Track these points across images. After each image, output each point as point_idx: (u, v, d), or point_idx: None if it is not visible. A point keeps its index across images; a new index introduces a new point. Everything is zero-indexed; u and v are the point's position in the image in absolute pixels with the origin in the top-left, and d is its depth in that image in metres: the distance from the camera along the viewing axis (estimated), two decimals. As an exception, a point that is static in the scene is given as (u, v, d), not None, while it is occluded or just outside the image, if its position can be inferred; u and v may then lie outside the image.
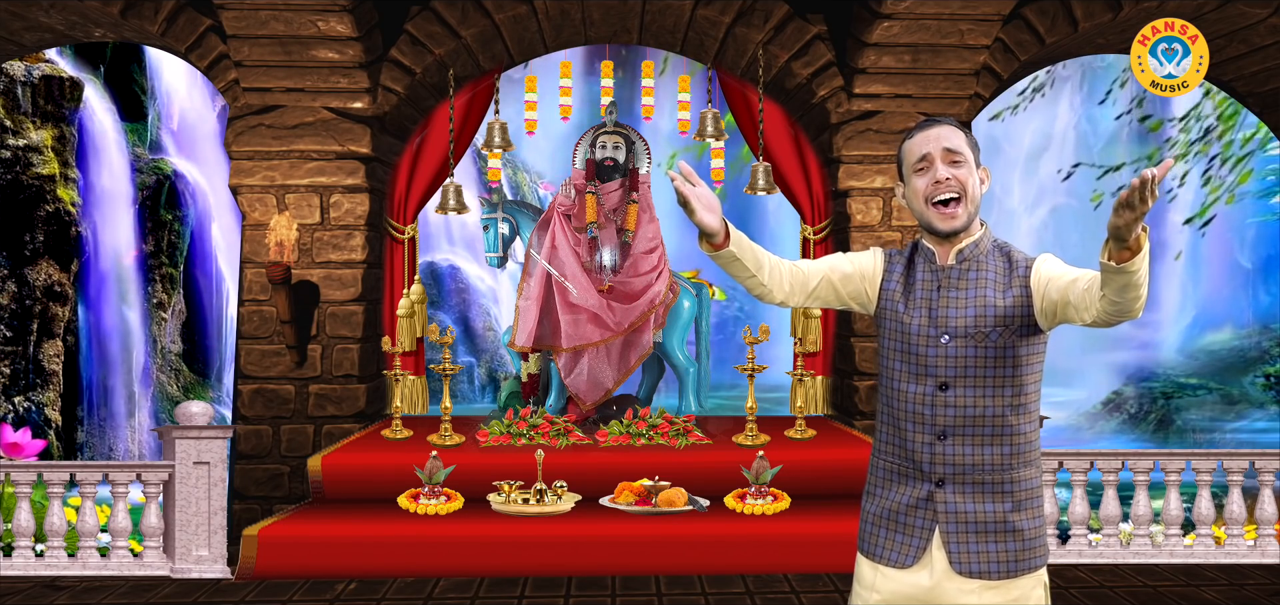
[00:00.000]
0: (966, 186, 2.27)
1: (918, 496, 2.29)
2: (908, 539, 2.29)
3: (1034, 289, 2.24)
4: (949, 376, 2.25)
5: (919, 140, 2.30)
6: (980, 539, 2.24)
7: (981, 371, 2.24)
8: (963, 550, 2.24)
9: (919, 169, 2.29)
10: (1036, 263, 2.28)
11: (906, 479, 2.31)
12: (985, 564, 2.24)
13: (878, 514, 2.36)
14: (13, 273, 9.71)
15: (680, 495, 5.65)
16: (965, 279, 2.28)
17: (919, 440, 2.28)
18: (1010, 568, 2.25)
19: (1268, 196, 14.91)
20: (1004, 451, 2.26)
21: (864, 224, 6.95)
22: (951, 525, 2.25)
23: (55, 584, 5.37)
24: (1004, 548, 2.25)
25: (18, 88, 9.96)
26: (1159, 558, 5.67)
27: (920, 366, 2.28)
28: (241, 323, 6.85)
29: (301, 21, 6.34)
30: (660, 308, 6.91)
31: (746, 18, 6.91)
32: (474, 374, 14.60)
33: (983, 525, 2.24)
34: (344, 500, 5.95)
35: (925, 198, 2.28)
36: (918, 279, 2.33)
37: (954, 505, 2.25)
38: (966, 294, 2.27)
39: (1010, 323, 2.24)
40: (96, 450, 10.40)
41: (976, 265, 2.29)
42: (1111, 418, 14.58)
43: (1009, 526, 2.25)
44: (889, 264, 2.40)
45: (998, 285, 2.26)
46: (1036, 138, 16.27)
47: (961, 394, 2.25)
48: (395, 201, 7.16)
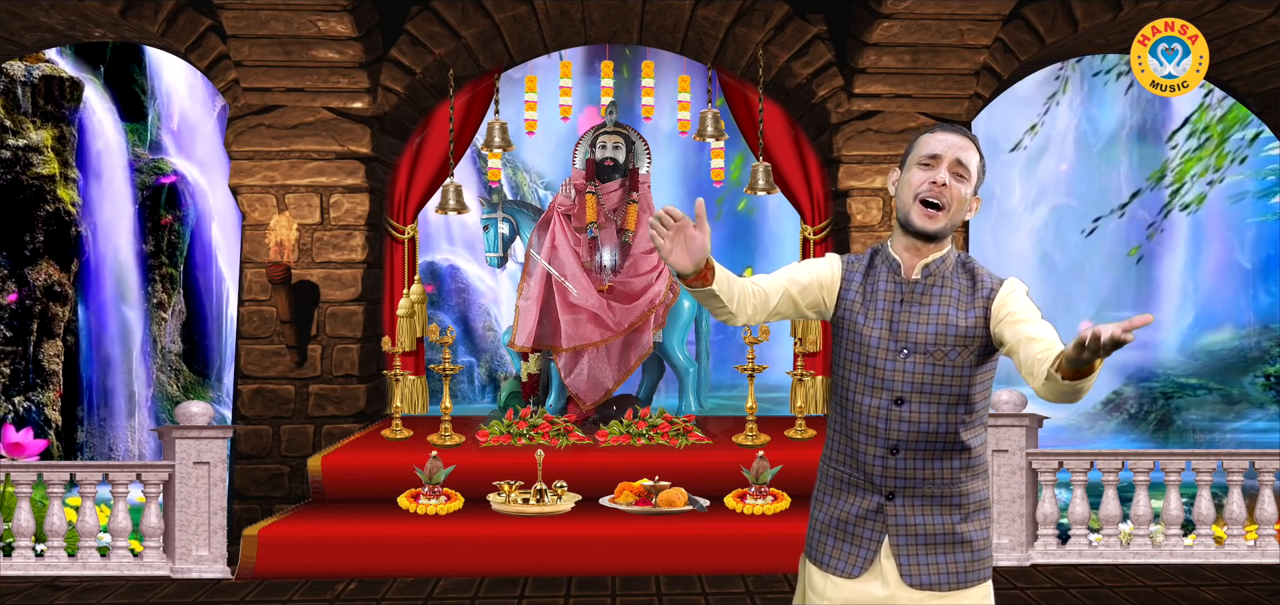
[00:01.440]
0: (954, 200, 2.26)
1: (867, 508, 2.29)
2: (856, 549, 2.29)
3: (993, 314, 2.24)
4: (905, 391, 2.24)
5: (938, 139, 2.29)
6: (930, 551, 2.25)
7: (937, 388, 2.24)
8: (913, 562, 2.24)
9: (925, 164, 2.28)
10: (1002, 290, 2.27)
11: (856, 489, 2.30)
12: (935, 575, 2.24)
13: (826, 522, 2.35)
14: (13, 273, 9.71)
15: (680, 495, 5.65)
16: (929, 295, 2.27)
17: (871, 452, 2.27)
18: (960, 579, 2.25)
19: (1268, 196, 14.91)
20: (954, 465, 2.26)
21: (864, 224, 6.95)
22: (902, 538, 2.25)
23: (55, 584, 5.37)
24: (953, 559, 2.25)
25: (18, 88, 9.96)
26: (1159, 558, 5.67)
27: (877, 379, 2.26)
28: (241, 323, 6.85)
29: (301, 21, 6.34)
30: (660, 308, 6.91)
31: (746, 18, 6.91)
32: (474, 374, 14.59)
33: (932, 537, 2.25)
34: (344, 500, 5.95)
35: (916, 192, 2.27)
36: (879, 290, 2.31)
37: (903, 518, 2.25)
38: (929, 310, 2.26)
39: (969, 343, 2.24)
40: (96, 450, 10.40)
41: (941, 281, 2.28)
42: (1111, 418, 14.57)
43: (958, 537, 2.26)
44: (847, 272, 2.36)
45: (960, 304, 2.26)
46: (1036, 138, 16.26)
47: (916, 409, 2.24)
48: (395, 201, 7.16)
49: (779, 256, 15.92)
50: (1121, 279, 16.28)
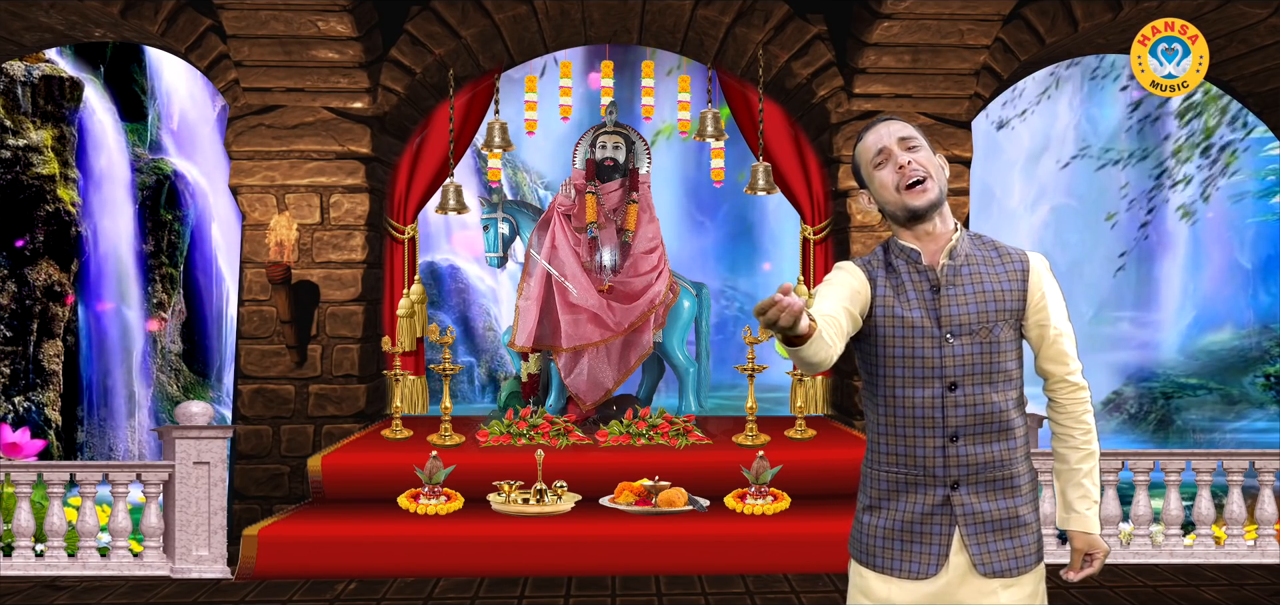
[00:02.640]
0: (929, 166, 2.27)
1: (933, 503, 2.25)
2: (927, 547, 2.24)
3: (1030, 292, 2.29)
4: (957, 376, 2.23)
5: (871, 138, 2.31)
6: (998, 536, 2.25)
7: (986, 367, 2.25)
8: (984, 551, 2.23)
9: (878, 163, 2.29)
10: (1033, 268, 2.31)
11: (917, 487, 2.26)
12: (1006, 562, 2.24)
13: (889, 528, 2.29)
14: (13, 273, 9.71)
15: (680, 495, 5.65)
16: (961, 275, 2.27)
17: (930, 444, 2.24)
18: (1027, 562, 2.27)
19: (1268, 196, 14.91)
20: (1010, 446, 2.26)
21: (864, 224, 6.95)
22: (972, 527, 2.23)
23: (55, 584, 5.37)
24: (1019, 542, 2.26)
25: (18, 88, 9.96)
26: (1159, 558, 5.66)
27: (927, 369, 2.24)
28: (241, 323, 6.85)
29: (301, 21, 6.34)
30: (660, 308, 6.91)
31: (746, 18, 6.91)
32: (474, 374, 14.59)
33: (999, 523, 2.24)
34: (344, 500, 5.95)
35: (895, 186, 2.27)
36: (906, 281, 2.29)
37: (971, 506, 2.23)
38: (967, 290, 2.26)
39: (1010, 316, 2.27)
40: (96, 450, 10.39)
41: (969, 260, 2.29)
42: (1111, 418, 14.58)
43: (1021, 520, 2.27)
44: (870, 272, 2.33)
45: (995, 279, 2.28)
46: (1036, 138, 16.26)
47: (970, 392, 2.23)
48: (395, 201, 7.16)
49: (779, 256, 15.91)
50: (1121, 279, 16.28)
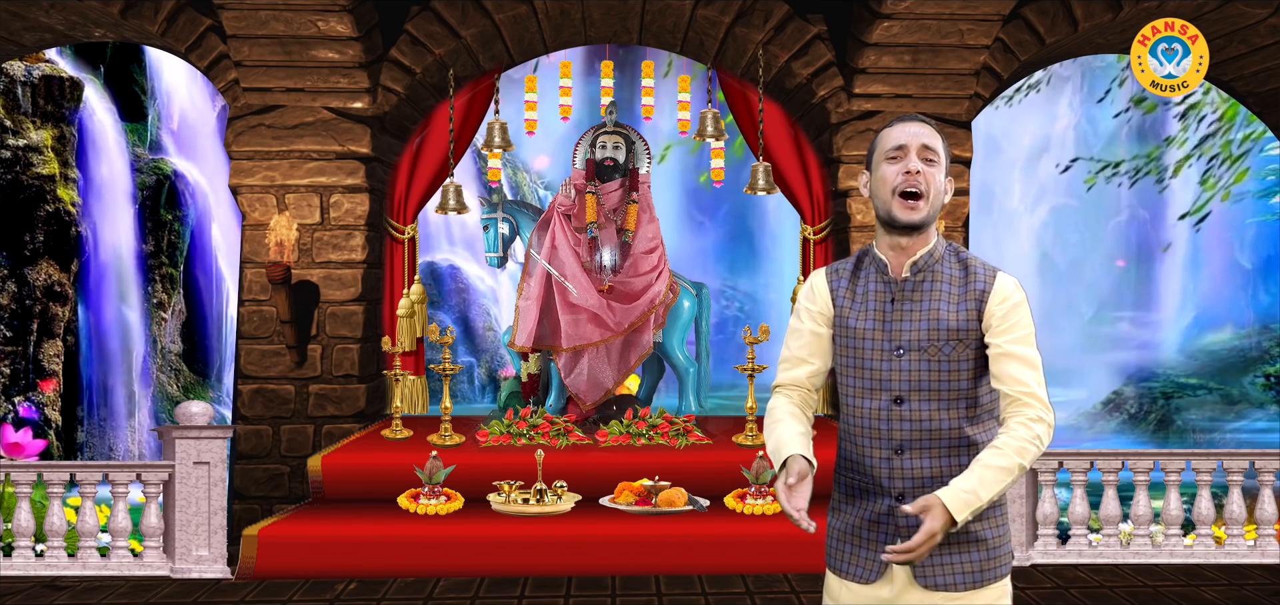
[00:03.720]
0: (932, 186, 2.24)
1: (878, 511, 2.26)
2: (871, 554, 2.27)
3: (985, 316, 2.22)
4: (903, 390, 2.23)
5: (898, 131, 2.28)
6: (944, 551, 2.20)
7: (936, 385, 2.22)
8: (926, 564, 2.21)
9: (892, 157, 2.26)
10: (995, 291, 2.23)
11: (867, 494, 2.28)
12: (949, 576, 2.21)
13: (842, 530, 2.34)
14: (13, 273, 9.71)
15: (680, 495, 5.65)
16: (919, 291, 2.25)
17: (877, 455, 2.26)
18: (975, 578, 2.22)
19: (1268, 196, 14.91)
20: (962, 461, 2.21)
21: (864, 224, 6.95)
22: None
23: (55, 584, 5.37)
24: (968, 558, 2.21)
25: (18, 88, 9.95)
26: (1159, 558, 5.67)
27: (874, 381, 2.25)
28: (241, 323, 6.85)
29: (301, 21, 6.34)
30: (660, 308, 6.91)
31: (746, 18, 6.91)
32: (474, 374, 14.59)
33: (946, 537, 2.18)
34: (344, 500, 5.95)
35: (893, 187, 2.25)
36: (870, 290, 2.30)
37: (915, 519, 2.17)
38: (920, 306, 2.24)
39: (964, 338, 2.22)
40: (96, 450, 10.39)
41: (931, 276, 2.26)
42: (1111, 418, 14.58)
43: (972, 536, 2.21)
44: (834, 282, 2.36)
45: (951, 298, 2.23)
46: (1036, 137, 16.27)
47: (917, 407, 2.22)
48: (395, 201, 7.16)
49: (779, 256, 15.90)
50: (1121, 279, 16.29)
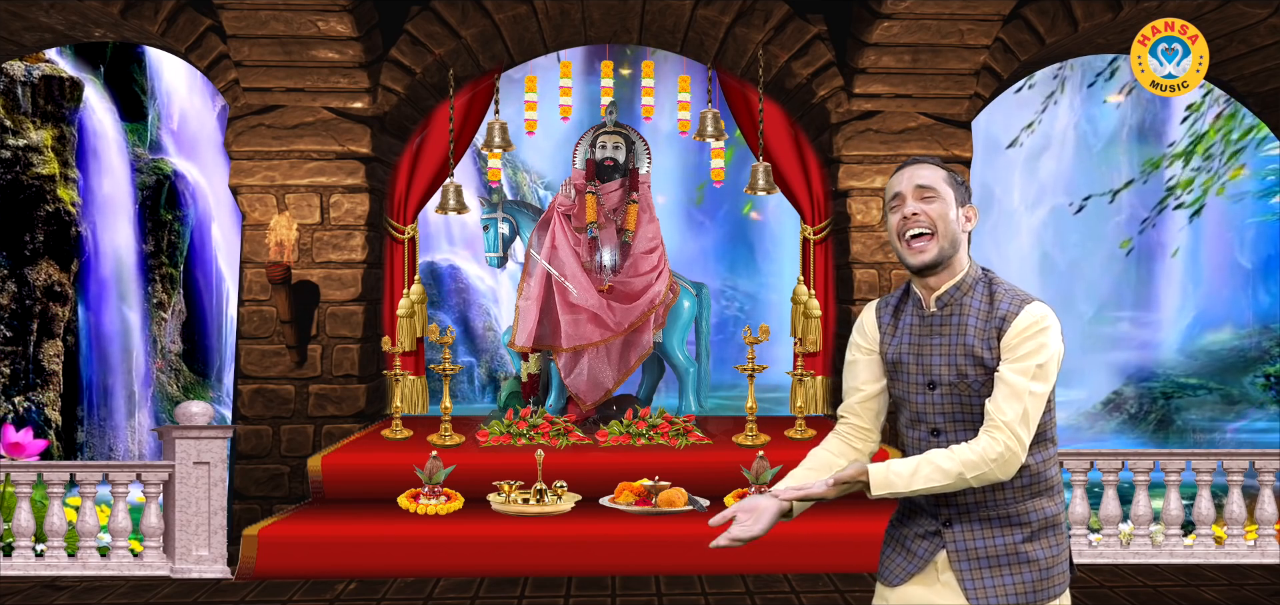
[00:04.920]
0: (937, 221, 2.21)
1: (927, 529, 2.27)
2: (908, 561, 2.28)
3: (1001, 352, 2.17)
4: (939, 423, 2.24)
5: (894, 180, 2.30)
6: (994, 571, 2.20)
7: (967, 417, 2.22)
8: (977, 584, 2.20)
9: (893, 208, 2.28)
10: (1015, 323, 2.17)
11: (919, 513, 2.29)
12: (1001, 597, 2.19)
13: (891, 539, 2.36)
14: (13, 273, 9.71)
15: (680, 495, 5.64)
16: (947, 325, 2.24)
17: None
18: (1027, 598, 2.20)
19: (1268, 196, 14.91)
20: (1009, 486, 2.20)
21: (864, 224, 6.95)
22: (963, 562, 2.21)
23: (55, 584, 5.37)
24: (1020, 579, 2.20)
25: (18, 88, 9.96)
26: (1159, 558, 5.67)
27: (914, 414, 2.27)
28: (241, 323, 6.85)
29: (301, 21, 6.34)
30: (660, 308, 6.91)
31: (746, 18, 6.91)
32: (474, 374, 14.60)
33: (995, 558, 2.19)
34: (344, 500, 5.95)
35: (897, 233, 2.26)
36: (906, 324, 2.31)
37: (963, 542, 2.21)
38: (949, 341, 2.23)
39: (990, 367, 2.19)
40: (96, 450, 10.39)
41: (959, 309, 2.24)
42: (1111, 418, 14.58)
43: (1022, 557, 2.20)
44: (881, 316, 2.38)
45: (977, 332, 2.20)
46: (1037, 137, 16.26)
47: (953, 438, 2.22)
48: (395, 201, 7.16)
49: (779, 256, 15.91)
50: (1121, 279, 16.29)
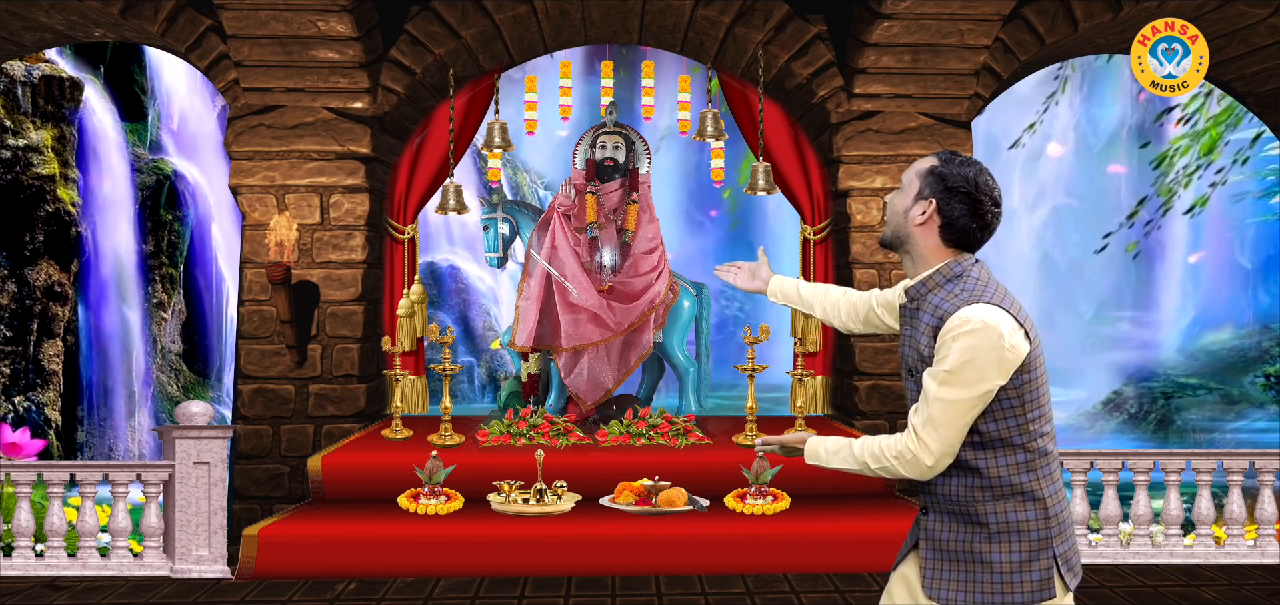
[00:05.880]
0: (889, 209, 2.36)
1: (918, 514, 2.39)
2: (908, 540, 2.42)
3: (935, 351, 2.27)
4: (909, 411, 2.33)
5: None
6: (952, 566, 2.25)
7: None
8: (935, 574, 2.27)
9: None
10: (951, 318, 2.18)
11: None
12: (950, 592, 2.23)
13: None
14: (13, 273, 9.71)
15: (680, 495, 5.64)
16: (913, 320, 2.33)
17: None
18: (976, 600, 2.20)
19: (1268, 196, 14.91)
20: (967, 483, 2.23)
21: (864, 224, 6.95)
22: (929, 550, 2.30)
23: (55, 584, 5.37)
24: (972, 578, 2.21)
25: (18, 88, 9.95)
26: (1159, 558, 5.67)
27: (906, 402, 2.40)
28: (241, 323, 6.85)
29: (301, 21, 6.34)
30: (660, 308, 6.91)
31: (746, 18, 6.91)
32: (474, 374, 14.59)
33: (954, 553, 2.25)
34: (344, 500, 5.95)
35: None
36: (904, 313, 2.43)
37: (932, 531, 2.30)
38: (911, 336, 2.33)
39: (928, 365, 2.24)
40: (96, 450, 10.39)
41: (922, 304, 2.29)
42: (1111, 418, 14.58)
43: (978, 557, 2.21)
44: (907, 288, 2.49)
45: (924, 327, 2.26)
46: (1036, 137, 16.26)
47: None
48: (395, 201, 7.16)
49: (779, 257, 15.91)
50: (1121, 279, 16.28)
